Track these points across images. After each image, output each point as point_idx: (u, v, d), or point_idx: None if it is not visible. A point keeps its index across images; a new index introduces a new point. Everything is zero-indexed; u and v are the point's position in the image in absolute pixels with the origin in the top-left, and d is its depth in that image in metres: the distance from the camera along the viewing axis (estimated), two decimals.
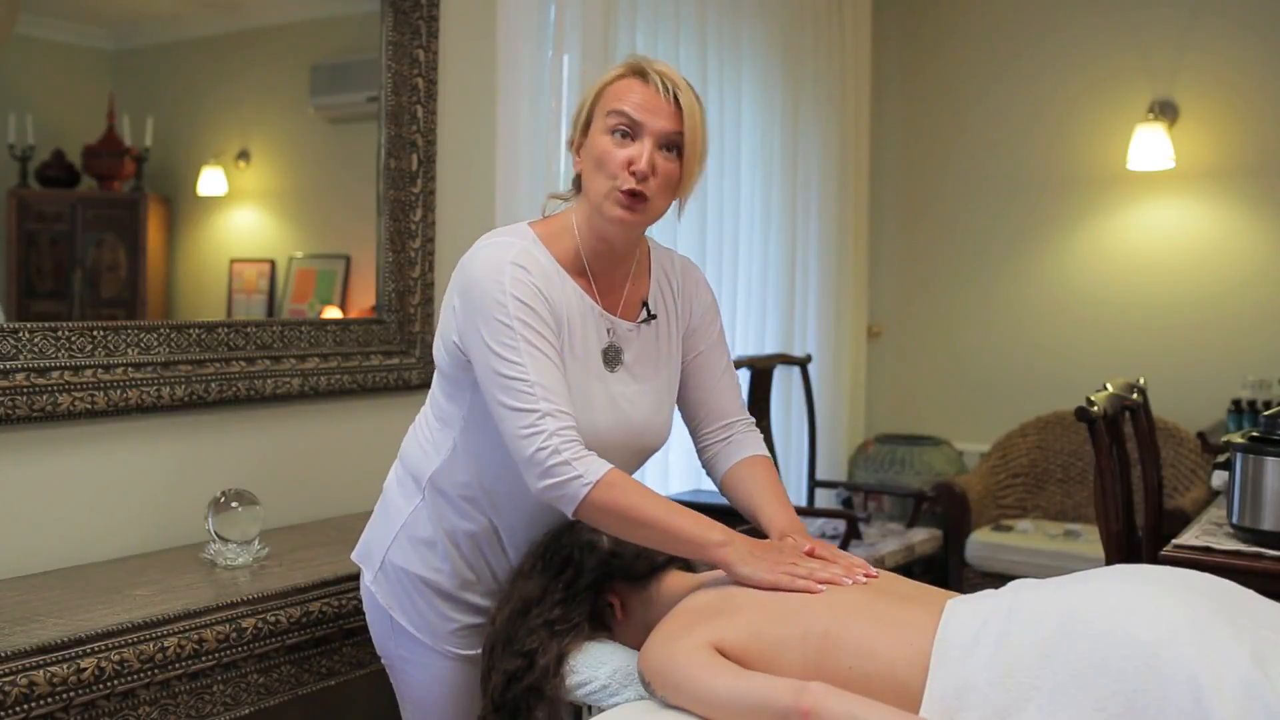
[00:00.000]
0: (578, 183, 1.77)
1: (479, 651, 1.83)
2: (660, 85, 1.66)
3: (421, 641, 1.84)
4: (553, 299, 1.68)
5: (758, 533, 1.80)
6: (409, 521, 1.82)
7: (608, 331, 1.76)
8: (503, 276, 1.64)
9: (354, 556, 1.94)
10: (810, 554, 1.65)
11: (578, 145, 1.74)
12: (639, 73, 1.69)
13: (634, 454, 1.82)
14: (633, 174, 1.65)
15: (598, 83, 1.73)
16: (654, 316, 1.82)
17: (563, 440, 1.58)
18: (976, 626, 1.43)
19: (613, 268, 1.77)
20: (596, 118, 1.69)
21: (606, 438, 1.72)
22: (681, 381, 1.90)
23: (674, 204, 1.75)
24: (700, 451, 1.94)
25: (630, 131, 1.66)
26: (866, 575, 1.59)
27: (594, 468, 1.59)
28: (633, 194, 1.66)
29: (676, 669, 1.54)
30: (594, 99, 1.71)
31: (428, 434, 1.82)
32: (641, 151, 1.65)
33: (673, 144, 1.68)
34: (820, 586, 1.55)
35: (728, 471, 1.89)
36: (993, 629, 1.42)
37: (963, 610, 1.48)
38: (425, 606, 1.83)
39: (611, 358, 1.76)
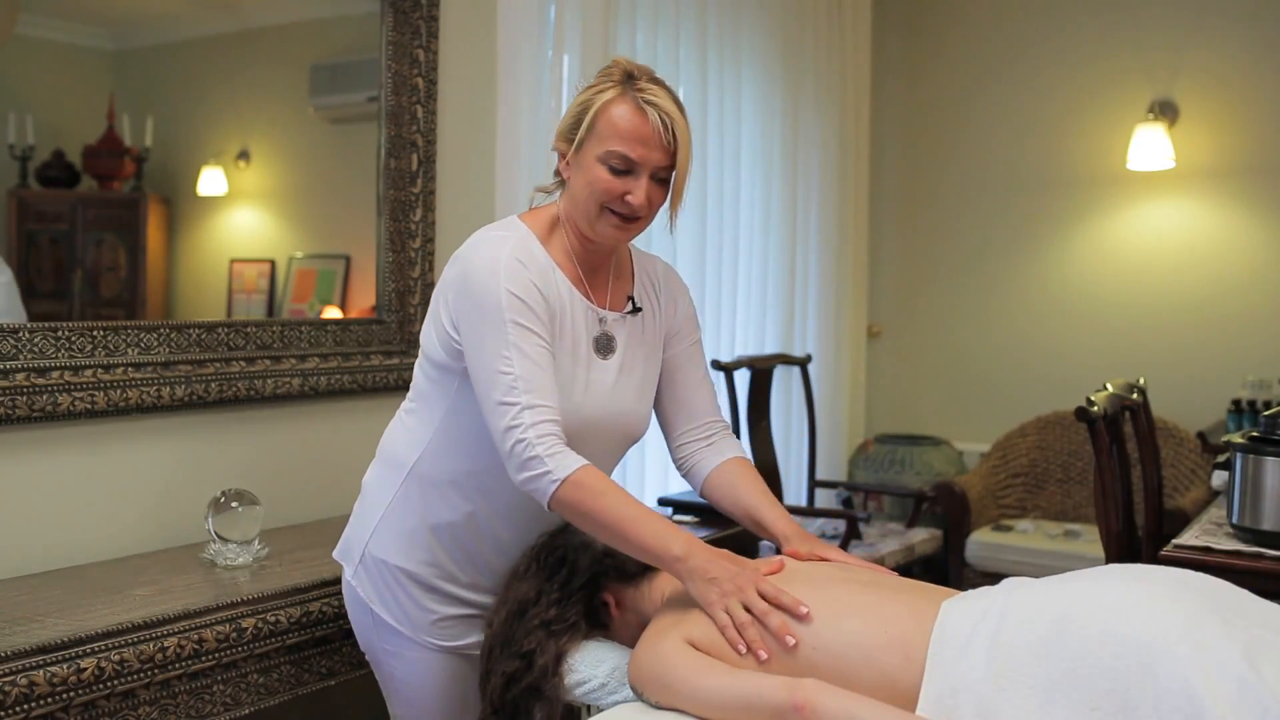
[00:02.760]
0: (560, 177, 1.81)
1: (460, 643, 1.85)
2: (659, 123, 1.69)
3: (402, 634, 1.85)
4: (547, 292, 1.73)
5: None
6: (388, 513, 1.84)
7: (599, 321, 1.81)
8: (499, 269, 1.69)
9: (335, 554, 1.96)
10: (778, 569, 1.64)
11: (565, 153, 1.77)
12: (635, 103, 1.70)
13: (619, 440, 1.87)
14: (627, 204, 1.71)
15: (592, 99, 1.72)
16: (639, 309, 1.87)
17: (538, 434, 1.62)
18: (970, 626, 1.43)
19: (598, 262, 1.84)
20: (590, 142, 1.72)
21: (592, 423, 1.78)
22: (665, 386, 1.95)
23: (666, 219, 1.81)
24: (676, 452, 1.98)
25: (627, 169, 1.71)
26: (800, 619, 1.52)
27: (564, 464, 1.62)
28: (625, 219, 1.74)
29: (666, 671, 1.55)
30: (591, 120, 1.71)
31: (410, 421, 1.86)
32: (637, 187, 1.71)
33: (665, 175, 1.74)
34: (762, 653, 1.50)
35: (711, 473, 1.93)
36: (987, 628, 1.42)
37: (957, 609, 1.48)
38: (405, 598, 1.84)
39: (604, 345, 1.82)
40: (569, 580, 1.74)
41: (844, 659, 1.47)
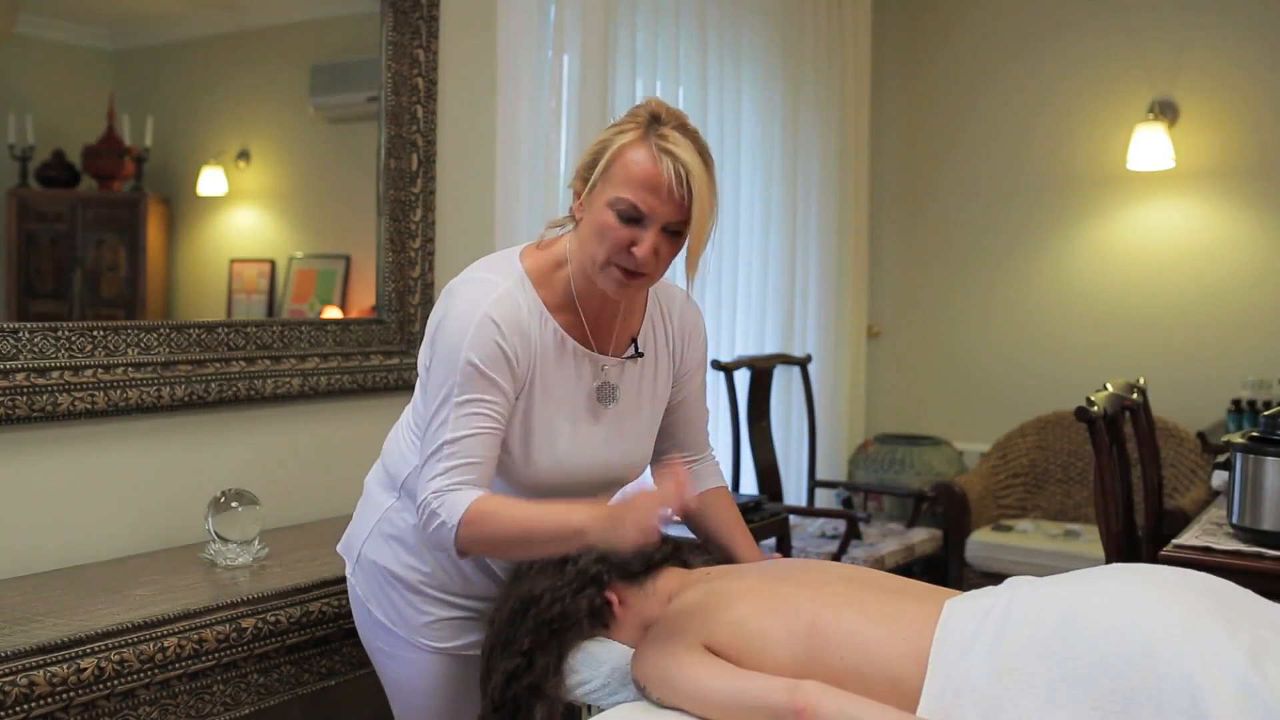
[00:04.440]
0: (574, 216, 1.74)
1: (455, 644, 1.85)
2: (672, 174, 1.59)
3: (397, 634, 1.85)
4: (526, 351, 1.67)
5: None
6: (384, 518, 1.85)
7: (601, 369, 1.76)
8: (468, 329, 1.63)
9: (338, 548, 1.97)
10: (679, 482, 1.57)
11: (580, 192, 1.69)
12: (651, 150, 1.60)
13: (609, 485, 1.84)
14: (632, 256, 1.62)
15: (612, 139, 1.64)
16: (640, 355, 1.81)
17: (434, 491, 1.61)
18: (974, 625, 1.44)
19: (603, 305, 1.75)
20: (603, 185, 1.63)
21: (578, 475, 1.76)
22: (665, 420, 1.92)
23: (683, 268, 1.71)
24: (659, 470, 1.95)
25: (635, 218, 1.62)
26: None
27: (453, 508, 1.58)
28: (630, 273, 1.64)
29: (670, 670, 1.55)
30: (606, 161, 1.63)
31: (407, 436, 1.85)
32: (644, 238, 1.61)
33: (678, 230, 1.64)
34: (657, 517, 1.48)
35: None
36: (990, 627, 1.42)
37: (960, 609, 1.48)
38: (399, 600, 1.84)
39: (606, 395, 1.77)
40: (572, 579, 1.73)
41: (857, 661, 1.47)
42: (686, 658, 1.54)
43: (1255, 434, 2.25)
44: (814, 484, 4.29)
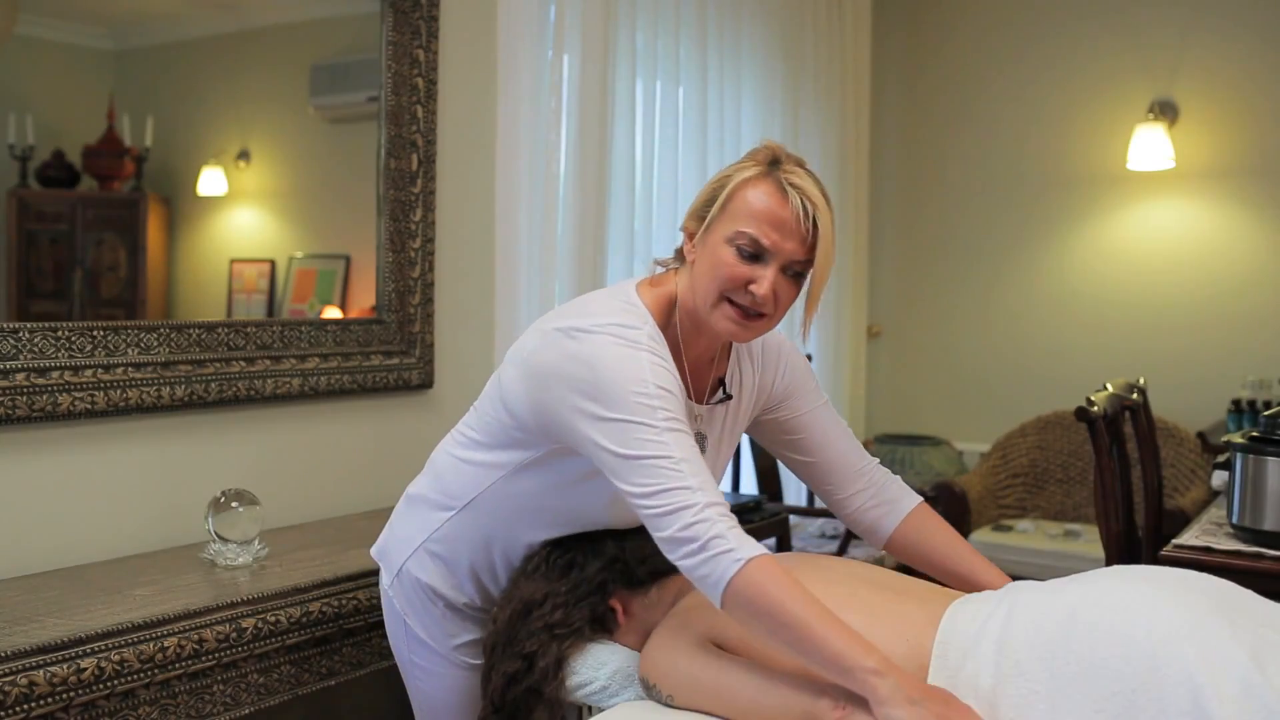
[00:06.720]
0: (680, 253, 1.70)
1: None
2: (800, 207, 1.55)
3: (435, 650, 1.85)
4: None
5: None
6: (433, 537, 1.81)
7: (696, 418, 1.72)
8: (643, 366, 1.53)
9: (373, 553, 1.95)
10: None
11: (693, 232, 1.64)
12: (777, 184, 1.57)
13: None
14: (750, 294, 1.57)
15: (731, 175, 1.60)
16: (729, 398, 1.77)
17: (718, 512, 1.45)
18: (976, 627, 1.44)
19: (704, 352, 1.72)
20: (721, 221, 1.58)
21: None
22: (801, 450, 1.86)
23: (799, 322, 1.67)
24: (848, 515, 1.87)
25: (756, 254, 1.57)
26: None
27: (748, 546, 1.44)
28: (747, 313, 1.60)
29: (684, 667, 1.54)
30: (725, 197, 1.59)
31: (475, 456, 1.77)
32: (763, 277, 1.56)
33: (799, 271, 1.60)
34: None
35: (897, 530, 1.85)
36: (992, 630, 1.42)
37: (963, 611, 1.48)
38: (440, 616, 1.84)
39: (698, 444, 1.70)
40: (577, 585, 1.71)
41: None
42: (701, 656, 1.54)
43: (1255, 434, 2.25)
44: None
